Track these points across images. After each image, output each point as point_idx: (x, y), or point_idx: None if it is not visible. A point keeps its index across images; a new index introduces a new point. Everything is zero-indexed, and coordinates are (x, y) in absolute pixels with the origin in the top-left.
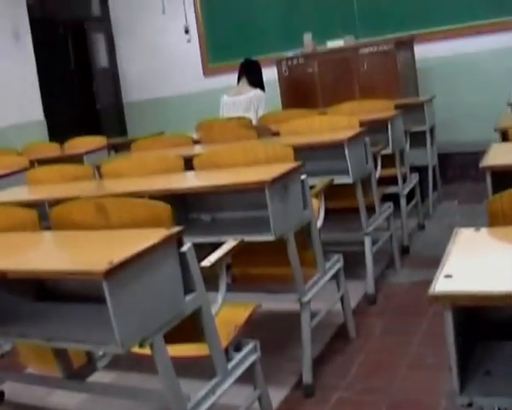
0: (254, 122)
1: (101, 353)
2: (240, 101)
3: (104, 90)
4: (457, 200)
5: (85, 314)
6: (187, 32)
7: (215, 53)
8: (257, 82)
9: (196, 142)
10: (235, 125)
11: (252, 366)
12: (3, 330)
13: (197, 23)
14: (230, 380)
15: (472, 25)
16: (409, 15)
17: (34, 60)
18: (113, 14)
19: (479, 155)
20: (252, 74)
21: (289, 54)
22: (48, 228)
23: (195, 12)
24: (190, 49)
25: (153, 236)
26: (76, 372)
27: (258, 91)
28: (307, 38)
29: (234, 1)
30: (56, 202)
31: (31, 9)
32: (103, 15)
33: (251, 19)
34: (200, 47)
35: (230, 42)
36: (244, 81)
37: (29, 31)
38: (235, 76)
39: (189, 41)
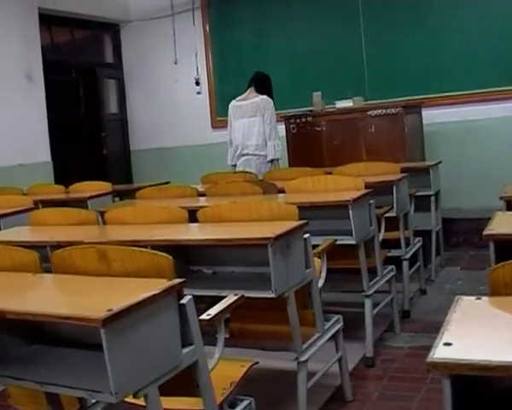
0: (260, 126)
1: (93, 400)
2: (246, 105)
3: (112, 136)
4: (460, 266)
5: (80, 360)
6: (197, 84)
7: (224, 107)
8: (265, 91)
9: (201, 194)
10: (240, 180)
11: None
12: None
13: (208, 76)
14: None
15: (480, 92)
16: (418, 80)
17: (45, 101)
18: (125, 61)
19: (483, 222)
20: (261, 84)
21: (298, 111)
22: (49, 271)
23: (207, 65)
24: (200, 102)
25: (153, 286)
26: None
27: (265, 97)
28: (316, 96)
29: (245, 56)
30: (58, 246)
31: (45, 51)
32: (116, 62)
33: None
34: (210, 100)
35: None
36: (252, 89)
37: (42, 73)
38: None
39: (199, 93)
